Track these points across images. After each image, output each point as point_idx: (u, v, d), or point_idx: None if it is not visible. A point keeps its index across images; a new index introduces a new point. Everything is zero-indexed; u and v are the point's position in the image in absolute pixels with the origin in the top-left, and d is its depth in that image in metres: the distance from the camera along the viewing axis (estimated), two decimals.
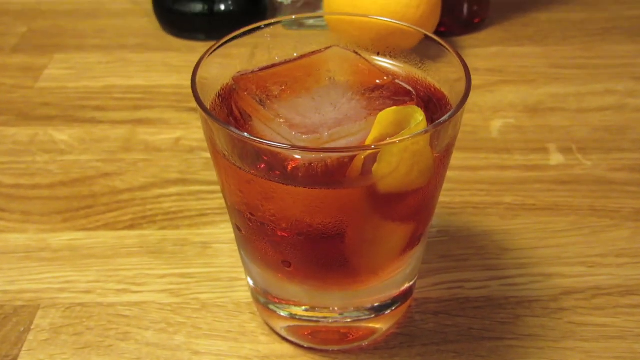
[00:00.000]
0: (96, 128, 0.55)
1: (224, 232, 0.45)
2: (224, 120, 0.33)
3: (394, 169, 0.29)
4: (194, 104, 0.57)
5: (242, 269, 0.42)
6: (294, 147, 0.29)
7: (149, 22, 0.70)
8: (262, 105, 0.32)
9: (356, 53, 0.36)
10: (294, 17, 0.37)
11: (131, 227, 0.46)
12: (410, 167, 0.29)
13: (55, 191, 0.49)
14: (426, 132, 0.28)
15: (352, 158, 0.29)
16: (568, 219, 0.46)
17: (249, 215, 0.32)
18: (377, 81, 0.35)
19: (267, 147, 0.29)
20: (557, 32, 0.68)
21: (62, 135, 0.54)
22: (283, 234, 0.32)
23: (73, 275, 0.42)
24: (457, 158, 0.51)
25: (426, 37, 0.35)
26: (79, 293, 0.41)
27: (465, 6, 0.68)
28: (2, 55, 0.65)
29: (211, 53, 0.34)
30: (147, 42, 0.67)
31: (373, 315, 0.37)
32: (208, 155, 0.52)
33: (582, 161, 0.51)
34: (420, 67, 0.36)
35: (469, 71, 0.32)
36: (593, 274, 0.42)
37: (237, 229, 0.34)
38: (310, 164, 0.29)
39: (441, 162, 0.31)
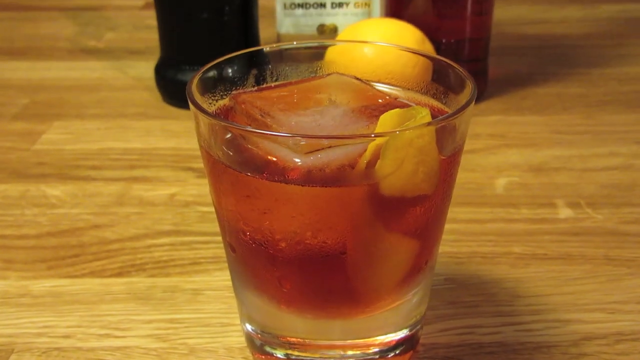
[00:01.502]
0: (89, 185, 0.54)
1: (217, 280, 0.43)
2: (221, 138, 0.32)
3: (398, 166, 0.27)
4: (192, 164, 0.57)
5: (236, 314, 0.39)
6: (296, 135, 0.28)
7: (150, 95, 0.71)
8: (262, 117, 0.31)
9: (357, 79, 0.36)
10: (294, 43, 0.37)
11: (119, 274, 0.43)
12: (416, 166, 0.27)
13: (41, 241, 0.47)
14: (431, 124, 0.27)
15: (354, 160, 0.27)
16: (582, 268, 0.43)
17: (244, 228, 0.30)
18: (380, 100, 0.34)
19: (269, 137, 0.28)
20: (556, 103, 0.69)
21: (54, 191, 0.53)
22: (280, 245, 0.30)
23: (53, 320, 0.39)
24: (461, 212, 0.50)
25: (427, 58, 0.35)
26: (58, 337, 0.38)
27: None
28: (1, 122, 0.65)
29: (209, 69, 0.33)
30: (147, 112, 0.67)
31: (377, 356, 0.34)
32: (203, 208, 0.50)
33: (592, 215, 0.49)
34: (421, 91, 0.36)
35: (473, 81, 0.31)
36: (614, 320, 0.39)
37: (231, 249, 0.32)
38: (313, 159, 0.27)
39: (448, 168, 0.30)
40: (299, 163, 0.27)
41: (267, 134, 0.27)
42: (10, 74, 0.78)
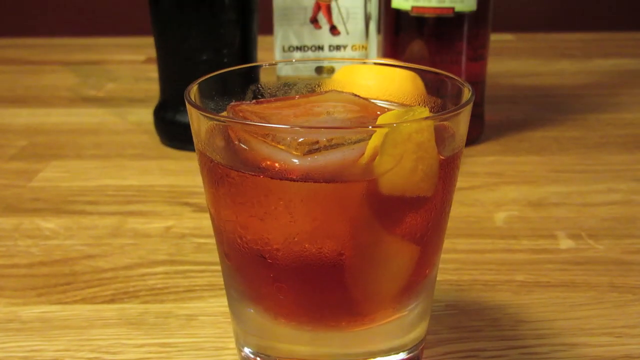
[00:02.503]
0: (84, 218, 0.53)
1: (212, 306, 0.41)
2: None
3: (397, 162, 0.27)
4: (189, 199, 0.56)
5: (231, 338, 0.37)
6: (295, 126, 0.27)
7: (149, 138, 0.71)
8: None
9: (355, 95, 0.36)
10: (294, 60, 0.37)
11: (111, 301, 0.42)
12: (415, 163, 0.27)
13: (33, 270, 0.46)
14: (429, 119, 0.27)
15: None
16: (587, 294, 0.42)
17: (240, 232, 0.29)
18: (378, 113, 0.34)
19: (269, 129, 0.27)
20: (553, 145, 0.69)
21: (48, 224, 0.52)
22: (277, 248, 0.29)
23: (41, 345, 0.38)
24: (461, 243, 0.49)
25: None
26: None
27: None
28: None
29: (206, 79, 0.34)
30: (145, 152, 0.67)
31: None
32: (200, 240, 0.50)
33: (594, 245, 0.49)
34: (419, 105, 0.36)
35: (469, 86, 0.31)
36: (622, 344, 0.38)
37: (227, 258, 0.31)
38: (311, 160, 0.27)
39: (447, 170, 0.29)
40: (297, 162, 0.27)
41: (265, 126, 0.27)
42: (10, 119, 0.78)
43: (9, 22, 1.37)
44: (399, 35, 0.70)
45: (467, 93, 0.30)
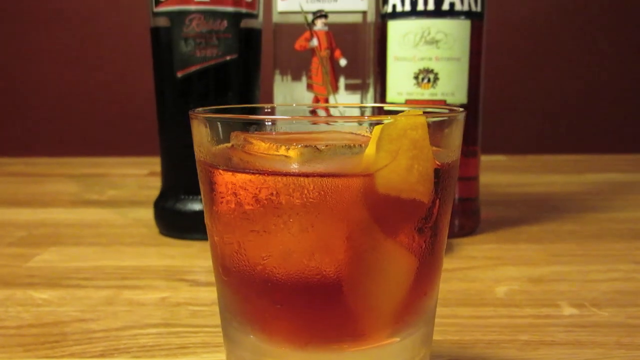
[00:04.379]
0: (79, 291, 0.52)
1: None
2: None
3: (393, 157, 0.27)
4: (185, 276, 0.56)
5: None
6: (296, 118, 0.28)
7: (148, 230, 0.71)
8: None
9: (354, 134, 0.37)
10: (294, 103, 0.39)
11: (101, 356, 0.40)
12: (410, 162, 0.28)
13: (22, 330, 0.44)
14: (423, 116, 0.28)
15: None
16: (594, 351, 0.41)
17: (239, 240, 0.29)
18: None
19: (272, 119, 0.28)
20: (550, 236, 0.69)
21: (42, 294, 0.51)
22: (274, 258, 0.29)
23: None
24: (463, 311, 0.48)
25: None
26: None
27: (457, 220, 0.71)
28: None
29: (207, 112, 0.35)
30: (144, 241, 0.67)
31: None
32: (195, 307, 0.49)
33: (598, 312, 0.47)
34: None
35: (461, 109, 0.33)
36: None
37: (223, 273, 0.31)
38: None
39: (443, 179, 0.30)
40: (296, 156, 0.28)
41: (265, 117, 0.28)
42: (10, 216, 0.79)
43: (12, 144, 1.42)
44: None
45: (458, 111, 0.32)
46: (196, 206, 0.67)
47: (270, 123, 0.32)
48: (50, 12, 1.83)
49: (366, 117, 0.29)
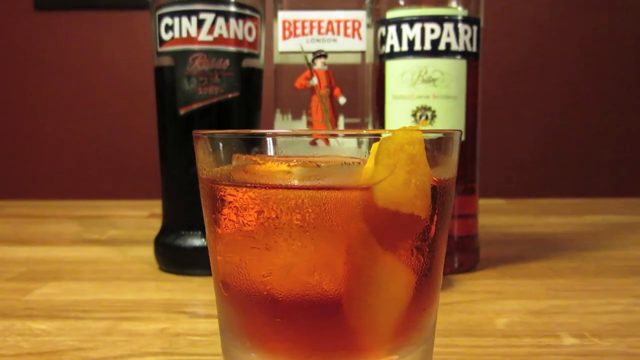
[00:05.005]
0: (78, 322, 0.52)
1: None
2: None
3: (391, 171, 0.28)
4: (185, 309, 0.55)
5: None
6: (299, 133, 0.29)
7: (148, 266, 0.71)
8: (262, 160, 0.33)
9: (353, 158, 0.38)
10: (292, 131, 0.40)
11: None
12: (408, 176, 0.28)
13: (20, 358, 0.44)
14: (419, 131, 0.29)
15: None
16: None
17: (240, 251, 0.30)
18: None
19: (273, 133, 0.29)
20: (549, 273, 0.69)
21: (41, 325, 0.51)
22: (275, 269, 0.29)
23: None
24: (462, 340, 0.48)
25: None
26: None
27: (456, 257, 0.71)
28: None
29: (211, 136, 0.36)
30: (143, 276, 0.67)
31: None
32: (195, 337, 0.48)
33: (599, 342, 0.47)
34: None
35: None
36: None
37: (224, 288, 0.31)
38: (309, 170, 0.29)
39: (440, 195, 0.30)
40: (296, 172, 0.28)
41: (267, 132, 0.29)
42: (10, 254, 0.79)
43: (13, 188, 1.43)
44: None
45: (454, 132, 0.32)
46: (196, 241, 0.67)
47: (271, 142, 0.33)
48: (50, 62, 1.87)
49: (364, 132, 0.29)
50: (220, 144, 0.32)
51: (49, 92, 1.99)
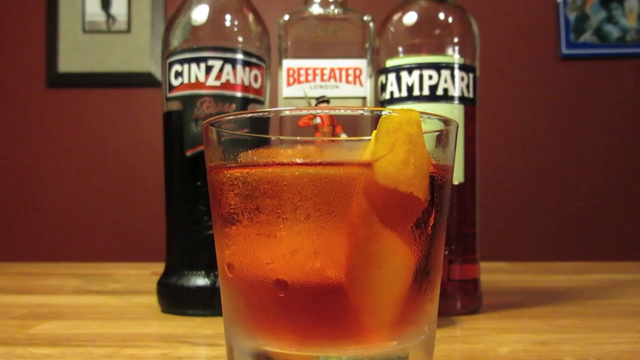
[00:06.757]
0: (79, 348, 0.52)
1: None
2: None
3: (390, 149, 0.30)
4: (186, 339, 0.55)
5: None
6: (304, 108, 0.30)
7: (150, 309, 0.71)
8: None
9: None
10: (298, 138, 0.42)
11: None
12: (407, 155, 0.30)
13: None
14: (416, 111, 0.30)
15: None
16: None
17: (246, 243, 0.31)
18: None
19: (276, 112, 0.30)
20: (552, 315, 0.69)
21: (42, 350, 0.51)
22: (280, 251, 0.30)
23: None
24: None
25: None
26: None
27: (458, 301, 0.71)
28: None
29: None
30: (145, 317, 0.67)
31: None
32: (194, 351, 0.48)
33: None
34: None
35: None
36: None
37: (229, 270, 0.32)
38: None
39: (438, 179, 0.32)
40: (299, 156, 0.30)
41: (270, 110, 0.31)
42: (12, 300, 0.79)
43: (15, 251, 1.43)
44: None
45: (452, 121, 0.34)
46: (199, 281, 0.68)
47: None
48: (59, 135, 1.92)
49: (365, 109, 0.31)
50: (227, 134, 0.34)
51: (56, 164, 2.03)
